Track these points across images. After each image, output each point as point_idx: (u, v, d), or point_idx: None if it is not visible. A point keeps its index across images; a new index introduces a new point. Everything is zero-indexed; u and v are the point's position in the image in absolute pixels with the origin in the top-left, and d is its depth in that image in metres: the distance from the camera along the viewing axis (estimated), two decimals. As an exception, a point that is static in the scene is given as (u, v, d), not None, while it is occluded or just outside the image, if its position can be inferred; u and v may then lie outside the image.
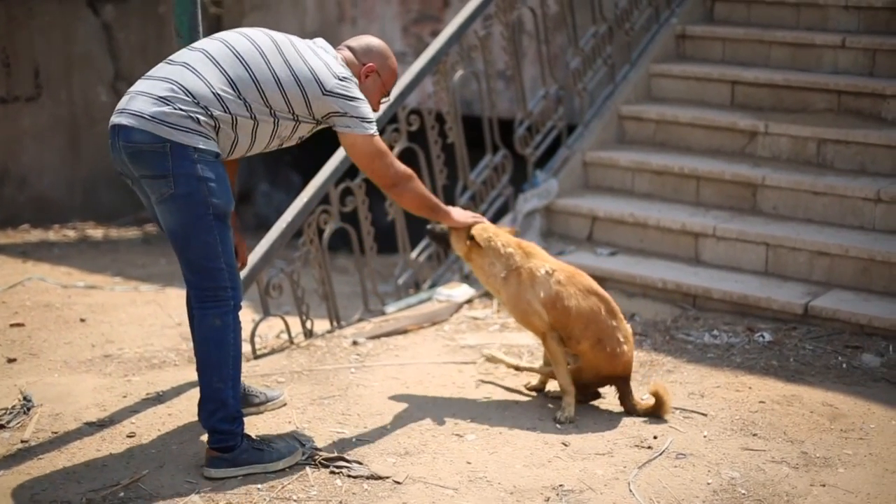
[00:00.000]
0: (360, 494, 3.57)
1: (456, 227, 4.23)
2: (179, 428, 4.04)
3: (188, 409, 4.17)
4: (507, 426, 4.07)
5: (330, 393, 4.39)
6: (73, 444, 3.90)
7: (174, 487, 3.59)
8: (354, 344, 5.02)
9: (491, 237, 4.22)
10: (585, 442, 3.96)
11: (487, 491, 3.60)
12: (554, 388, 4.33)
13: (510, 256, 4.20)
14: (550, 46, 6.60)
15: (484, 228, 4.24)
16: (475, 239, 4.20)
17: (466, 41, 5.95)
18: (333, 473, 3.70)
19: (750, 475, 3.72)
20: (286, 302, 5.53)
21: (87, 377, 4.57)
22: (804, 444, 3.96)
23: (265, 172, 9.62)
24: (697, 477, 3.71)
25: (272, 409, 4.21)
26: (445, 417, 4.13)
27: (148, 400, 4.31)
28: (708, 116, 6.27)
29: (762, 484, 3.67)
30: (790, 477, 3.72)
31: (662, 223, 5.88)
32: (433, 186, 5.71)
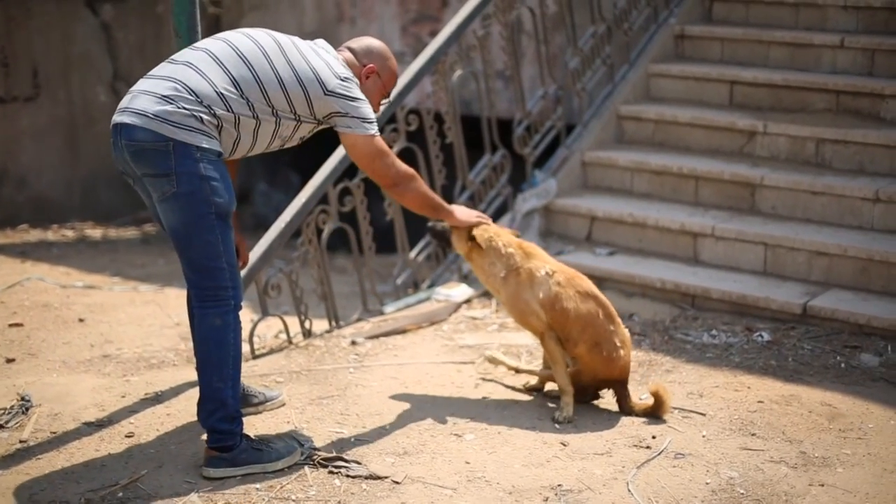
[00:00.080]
0: (358, 494, 3.57)
1: (458, 226, 4.23)
2: (178, 428, 4.04)
3: (187, 408, 4.17)
4: (505, 426, 4.07)
5: (328, 393, 4.39)
6: (71, 444, 3.90)
7: (173, 487, 3.59)
8: (353, 344, 5.02)
9: (492, 237, 4.22)
10: (584, 442, 3.96)
11: (486, 491, 3.60)
12: (553, 387, 4.33)
13: (510, 256, 4.20)
14: (549, 46, 6.60)
15: (485, 229, 4.24)
16: (476, 239, 4.20)
17: (465, 41, 5.95)
18: (332, 473, 3.70)
19: (748, 475, 3.72)
20: (285, 302, 5.52)
21: (85, 377, 4.57)
22: (803, 443, 3.96)
23: (264, 172, 9.61)
24: (696, 477, 3.71)
25: (271, 409, 4.21)
26: (444, 417, 4.13)
27: (147, 400, 4.31)
28: (707, 116, 6.27)
29: (761, 483, 3.67)
30: (789, 477, 3.72)
31: (661, 223, 5.87)
32: (432, 186, 5.70)
